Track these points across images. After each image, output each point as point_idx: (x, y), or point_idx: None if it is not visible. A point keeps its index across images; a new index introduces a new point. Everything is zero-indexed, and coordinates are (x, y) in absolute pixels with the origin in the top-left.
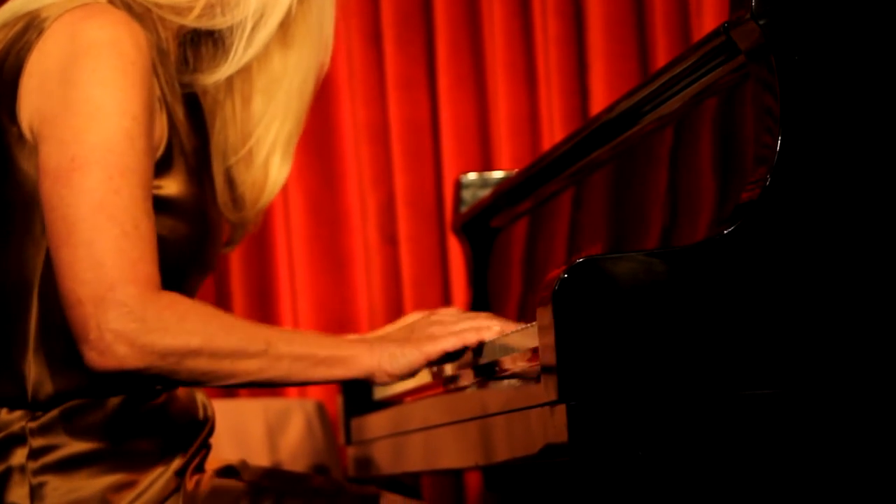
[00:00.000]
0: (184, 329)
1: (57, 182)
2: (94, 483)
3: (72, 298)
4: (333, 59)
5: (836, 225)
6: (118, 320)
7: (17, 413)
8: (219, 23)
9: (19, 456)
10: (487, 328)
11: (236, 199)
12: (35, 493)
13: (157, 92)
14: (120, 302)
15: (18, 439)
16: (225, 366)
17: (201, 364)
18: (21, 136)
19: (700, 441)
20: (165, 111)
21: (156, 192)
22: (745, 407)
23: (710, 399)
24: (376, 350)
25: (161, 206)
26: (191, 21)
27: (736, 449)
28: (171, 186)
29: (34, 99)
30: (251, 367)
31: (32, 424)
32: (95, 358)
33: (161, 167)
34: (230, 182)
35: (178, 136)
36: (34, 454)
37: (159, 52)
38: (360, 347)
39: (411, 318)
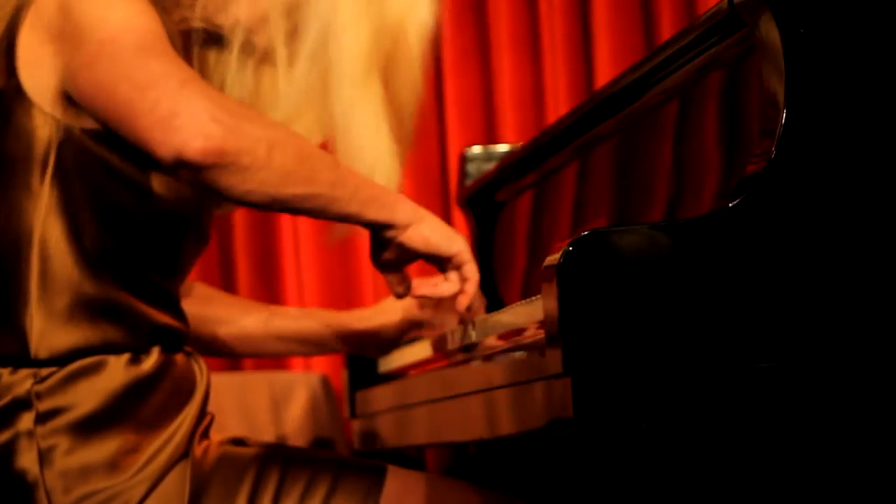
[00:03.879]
0: (265, 124)
1: (93, 68)
2: (104, 447)
3: (153, 116)
4: None
5: (842, 198)
6: (202, 101)
7: (21, 374)
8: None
9: (26, 421)
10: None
11: None
12: (44, 457)
13: None
14: (200, 94)
15: (24, 404)
16: (306, 168)
17: (287, 159)
18: (19, 89)
19: (704, 414)
20: None
21: None
22: (749, 380)
23: (714, 372)
24: (421, 210)
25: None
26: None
27: (739, 422)
28: None
29: (50, 60)
30: (326, 177)
31: (38, 387)
32: (188, 139)
33: None
34: None
35: None
36: (41, 418)
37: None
38: (409, 203)
39: None
